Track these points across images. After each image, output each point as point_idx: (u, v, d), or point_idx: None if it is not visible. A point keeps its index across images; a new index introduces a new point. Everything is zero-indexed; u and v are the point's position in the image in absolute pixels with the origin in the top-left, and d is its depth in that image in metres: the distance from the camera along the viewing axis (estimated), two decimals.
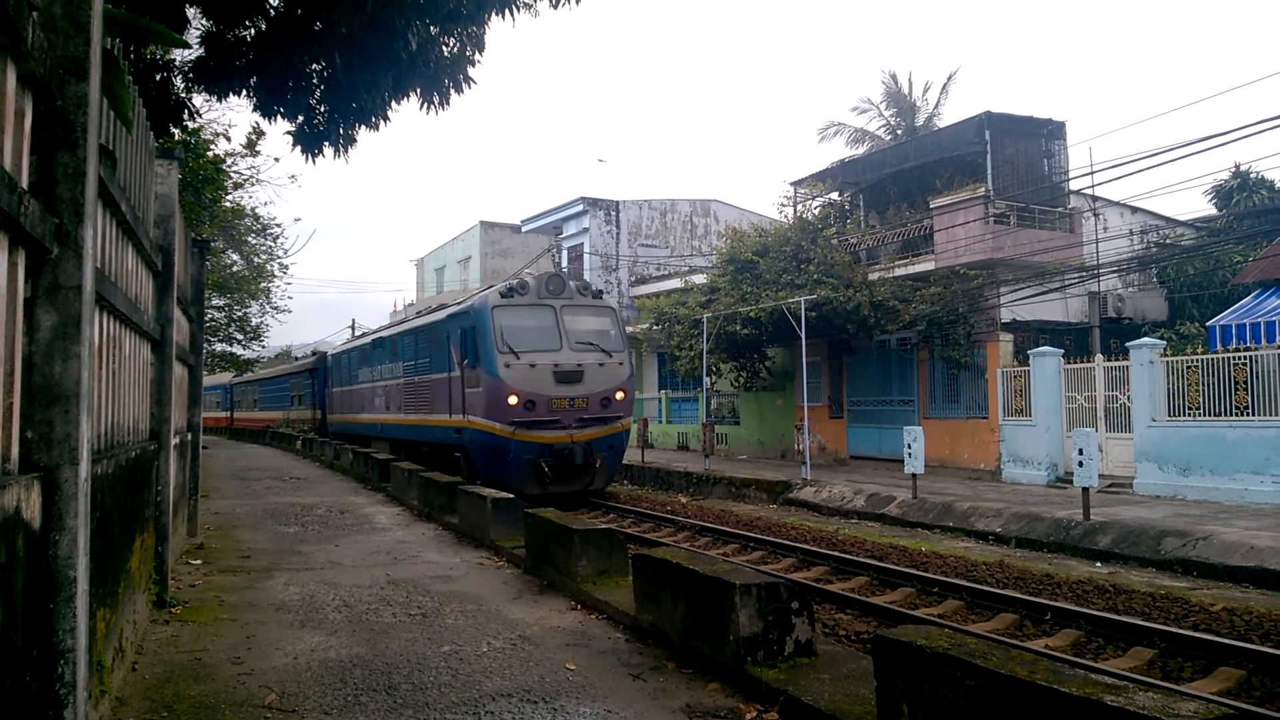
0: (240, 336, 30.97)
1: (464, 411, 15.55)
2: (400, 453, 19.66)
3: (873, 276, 20.14)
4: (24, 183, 2.46)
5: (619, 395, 15.63)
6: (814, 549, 11.02)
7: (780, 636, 4.54)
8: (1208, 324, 16.30)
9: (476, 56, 7.97)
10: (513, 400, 14.57)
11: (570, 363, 15.20)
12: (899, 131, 28.09)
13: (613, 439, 15.63)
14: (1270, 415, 13.22)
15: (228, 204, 20.02)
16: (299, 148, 8.14)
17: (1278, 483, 12.94)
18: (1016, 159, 19.53)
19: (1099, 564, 10.70)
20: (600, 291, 17.23)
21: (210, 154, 16.09)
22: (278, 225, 27.16)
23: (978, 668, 3.04)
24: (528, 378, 14.77)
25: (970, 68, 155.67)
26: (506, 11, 7.28)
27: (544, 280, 15.97)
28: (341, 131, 8.15)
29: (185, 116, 8.55)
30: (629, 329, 22.47)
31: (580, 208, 34.33)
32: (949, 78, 37.06)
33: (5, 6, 2.15)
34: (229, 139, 26.65)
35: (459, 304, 17.60)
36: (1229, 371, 13.87)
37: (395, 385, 20.40)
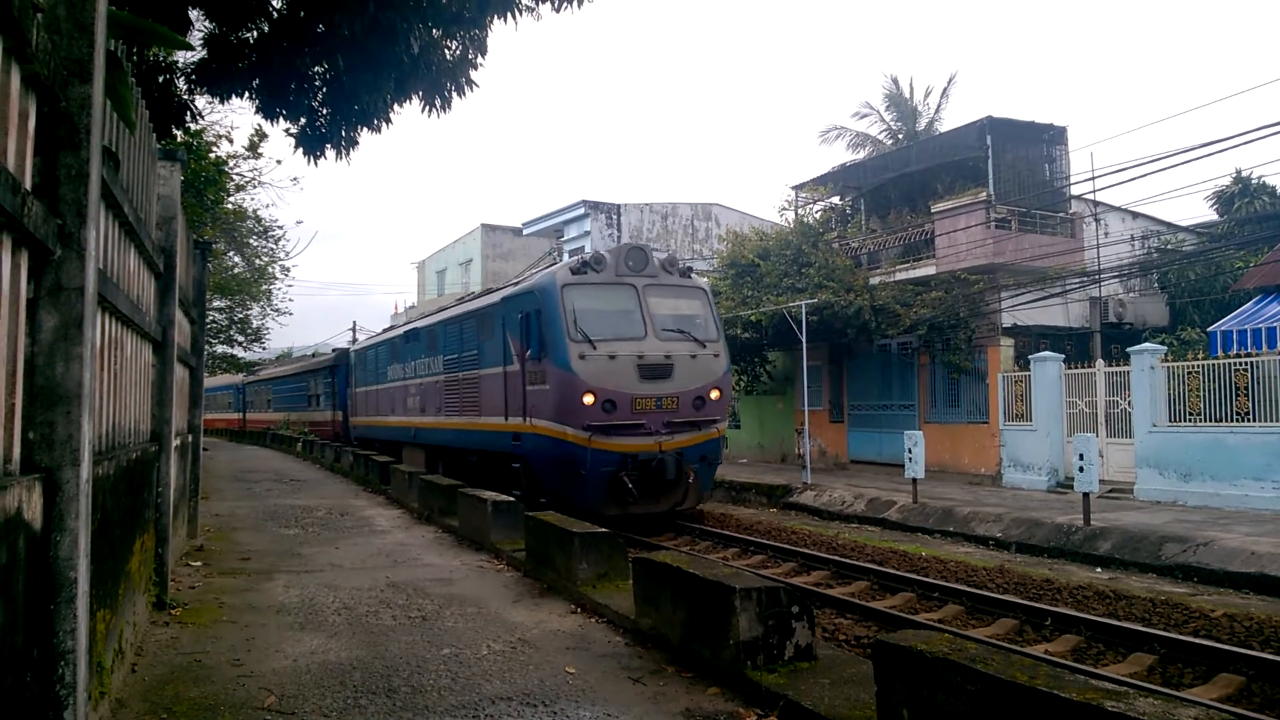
0: (241, 338, 31.05)
1: (525, 414, 12.93)
2: (438, 462, 17.43)
3: (874, 281, 20.16)
4: (27, 184, 2.46)
5: (714, 394, 12.98)
6: (814, 553, 11.02)
7: (780, 641, 4.53)
8: (1209, 330, 16.31)
9: (479, 59, 7.98)
10: (588, 400, 12.03)
11: (657, 354, 12.56)
12: (900, 136, 28.12)
13: (707, 448, 13.00)
14: (1271, 421, 13.21)
15: (229, 206, 20.09)
16: (301, 149, 8.16)
17: (1278, 488, 12.93)
18: (1018, 164, 19.55)
19: (1099, 569, 10.69)
20: (689, 268, 14.36)
21: (212, 156, 16.14)
22: (279, 227, 27.11)
23: (978, 673, 3.04)
24: (606, 372, 12.18)
25: (971, 72, 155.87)
26: (508, 15, 7.29)
27: (623, 254, 13.22)
28: (343, 134, 8.17)
29: (188, 118, 8.57)
30: None
31: (582, 211, 34.36)
32: (949, 81, 37.08)
33: (10, 8, 2.16)
34: (231, 141, 26.73)
35: (517, 283, 14.72)
36: (1230, 377, 13.86)
37: (433, 383, 17.62)
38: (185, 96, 8.26)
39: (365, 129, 8.19)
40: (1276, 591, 9.15)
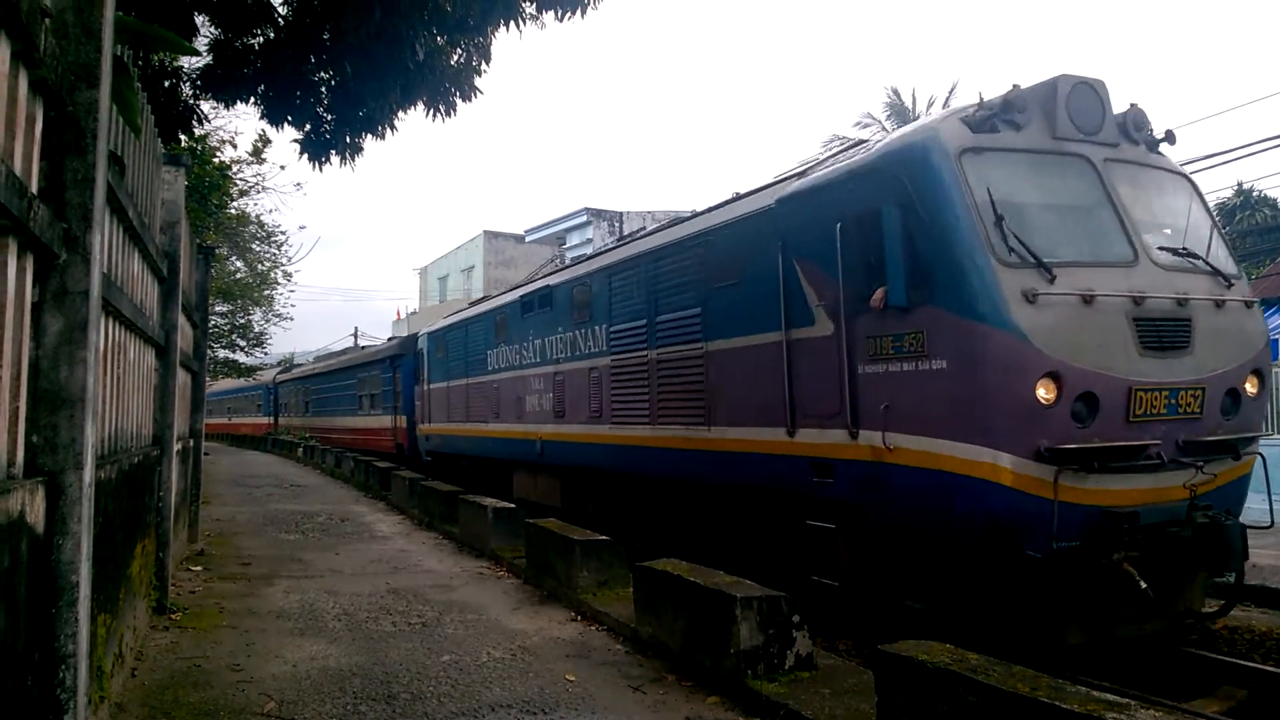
0: (243, 343, 31.02)
1: (853, 420, 6.24)
2: (585, 500, 10.90)
3: None
4: (34, 187, 2.47)
5: (1250, 385, 6.59)
6: None
7: (781, 650, 4.53)
8: None
9: (483, 67, 8.03)
10: (1045, 392, 5.40)
11: (1164, 295, 5.96)
12: None
13: (1233, 492, 7.09)
14: (1273, 433, 13.19)
15: (233, 211, 20.13)
16: (306, 156, 8.19)
17: (1279, 500, 12.90)
18: None
19: None
20: (1158, 138, 6.89)
21: (216, 161, 16.19)
22: (282, 233, 27.01)
23: (980, 684, 3.04)
24: (1077, 332, 5.57)
25: (973, 83, 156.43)
26: (512, 22, 7.33)
27: (1065, 95, 6.29)
28: (348, 140, 8.21)
29: (193, 123, 8.60)
30: None
31: (584, 218, 34.40)
32: (950, 92, 37.12)
33: (19, 13, 2.17)
34: (235, 146, 26.77)
35: (836, 155, 7.75)
36: None
37: (582, 371, 10.53)
38: (191, 102, 8.29)
39: (370, 135, 8.23)
40: (1278, 604, 9.11)
